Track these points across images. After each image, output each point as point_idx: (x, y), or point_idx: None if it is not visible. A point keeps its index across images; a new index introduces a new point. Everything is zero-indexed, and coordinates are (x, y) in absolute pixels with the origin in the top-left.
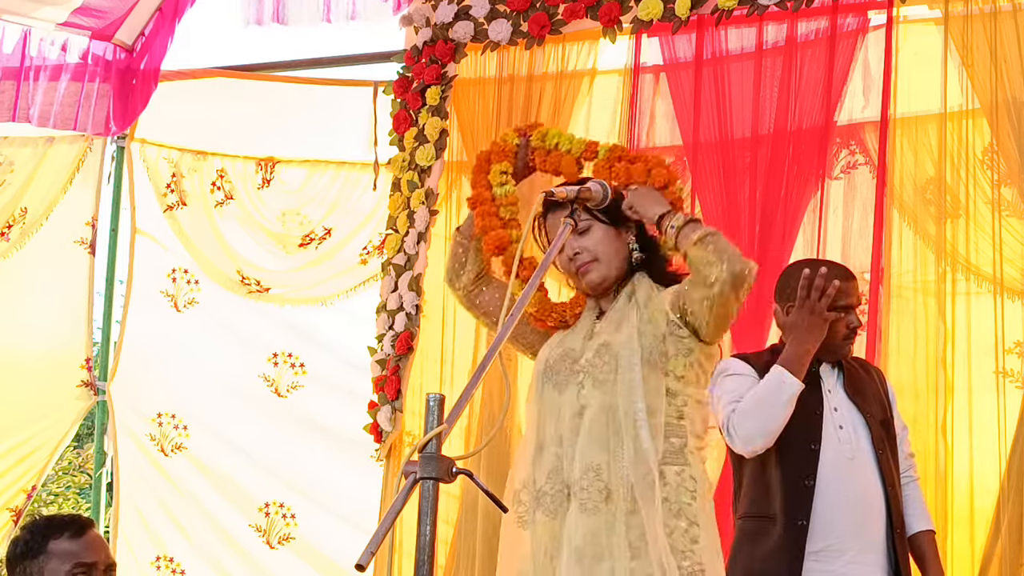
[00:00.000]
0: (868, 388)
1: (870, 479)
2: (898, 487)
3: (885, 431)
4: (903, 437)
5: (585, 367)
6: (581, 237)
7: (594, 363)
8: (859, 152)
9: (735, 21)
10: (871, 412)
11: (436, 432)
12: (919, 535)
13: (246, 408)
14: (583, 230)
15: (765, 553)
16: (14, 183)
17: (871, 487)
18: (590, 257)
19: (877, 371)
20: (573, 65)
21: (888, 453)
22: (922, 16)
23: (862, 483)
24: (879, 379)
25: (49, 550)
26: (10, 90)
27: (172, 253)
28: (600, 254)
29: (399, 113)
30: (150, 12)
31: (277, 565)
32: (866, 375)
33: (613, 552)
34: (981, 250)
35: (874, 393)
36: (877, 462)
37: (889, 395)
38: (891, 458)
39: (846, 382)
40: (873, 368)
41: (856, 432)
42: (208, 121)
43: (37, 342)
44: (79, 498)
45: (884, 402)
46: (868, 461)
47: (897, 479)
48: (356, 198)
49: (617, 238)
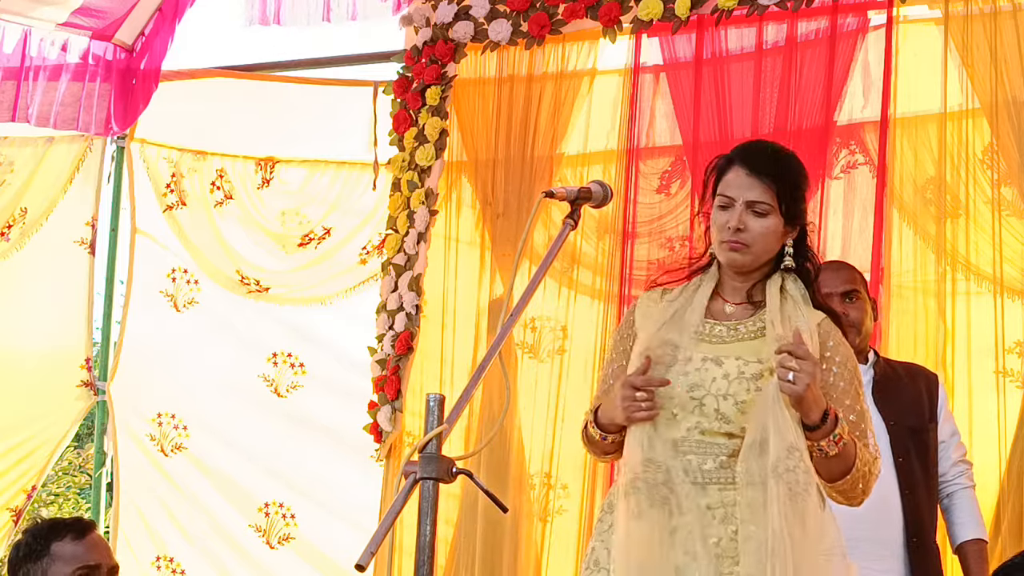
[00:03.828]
0: (902, 394)
1: (887, 485)
2: (922, 495)
3: (913, 438)
4: (952, 444)
5: (716, 373)
6: (755, 216)
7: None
8: (859, 152)
9: (735, 21)
10: (896, 418)
11: (436, 432)
12: (964, 545)
13: (246, 408)
14: (762, 212)
15: None
16: (14, 183)
17: (887, 494)
18: (748, 241)
19: (929, 377)
20: (573, 65)
21: (912, 460)
22: (922, 16)
23: (877, 490)
24: (927, 385)
25: (52, 552)
26: (10, 90)
27: (172, 253)
28: (757, 244)
29: (399, 113)
30: (150, 12)
31: (277, 565)
32: (908, 380)
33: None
34: (981, 250)
35: (910, 398)
36: (896, 468)
37: (939, 401)
38: (916, 465)
39: (875, 387)
40: (925, 373)
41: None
42: (208, 121)
43: (37, 342)
44: (79, 498)
45: (923, 408)
46: (886, 468)
47: (923, 487)
48: (356, 198)
49: (781, 236)
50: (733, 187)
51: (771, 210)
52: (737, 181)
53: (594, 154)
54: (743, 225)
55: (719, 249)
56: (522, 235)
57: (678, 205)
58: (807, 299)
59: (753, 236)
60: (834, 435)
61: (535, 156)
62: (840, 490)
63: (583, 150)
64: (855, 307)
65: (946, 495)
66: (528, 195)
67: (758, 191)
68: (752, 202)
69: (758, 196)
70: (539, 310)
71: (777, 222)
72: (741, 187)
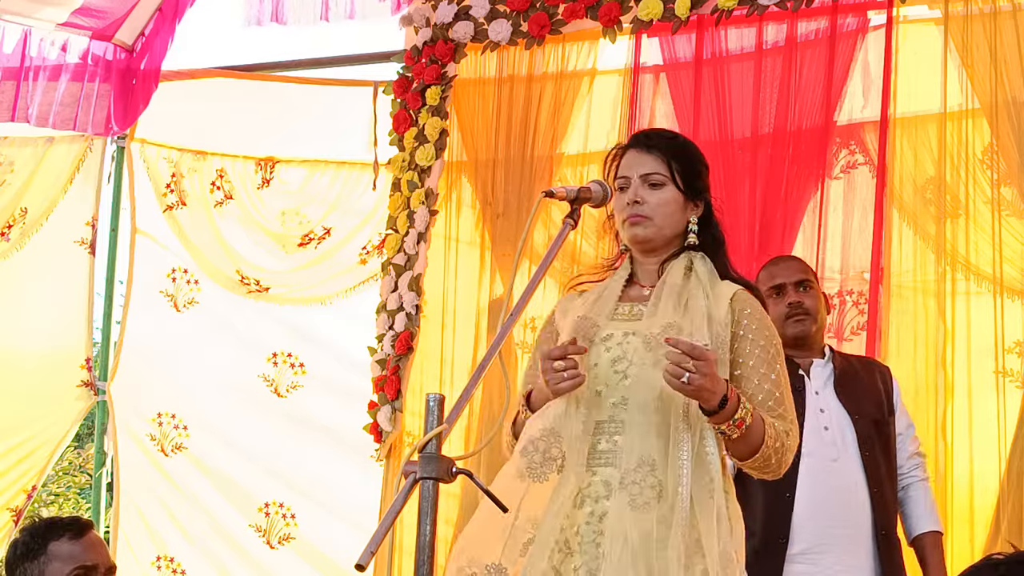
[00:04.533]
0: (862, 386)
1: (855, 480)
2: (887, 488)
3: (877, 430)
4: (908, 436)
5: (637, 343)
6: (651, 189)
7: (659, 341)
8: (859, 152)
9: (735, 21)
10: (860, 411)
11: (436, 432)
12: (922, 536)
13: (246, 408)
14: (657, 183)
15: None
16: (14, 183)
17: (855, 487)
18: (647, 213)
19: (883, 370)
20: (573, 65)
21: (877, 452)
22: (922, 16)
23: (846, 484)
24: (883, 378)
25: (49, 552)
26: (10, 90)
27: (172, 253)
28: (657, 216)
29: (399, 113)
30: (150, 12)
31: (277, 565)
32: (865, 373)
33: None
34: (981, 250)
35: (870, 391)
36: (863, 463)
37: (894, 394)
38: (880, 458)
39: (837, 381)
40: (878, 366)
41: (842, 433)
42: (208, 121)
43: (37, 342)
44: (79, 498)
45: (881, 401)
46: (853, 462)
47: (887, 479)
48: (356, 198)
49: (681, 209)
50: (626, 167)
51: (666, 180)
52: (629, 161)
53: (594, 154)
54: (640, 198)
55: (623, 229)
56: (522, 235)
57: None
58: (715, 274)
59: (652, 207)
60: (735, 419)
61: (535, 156)
62: (752, 467)
63: (583, 150)
64: (809, 296)
65: (902, 487)
66: (528, 195)
67: (650, 164)
68: (646, 175)
69: (650, 168)
70: (539, 310)
71: (675, 194)
72: (633, 165)
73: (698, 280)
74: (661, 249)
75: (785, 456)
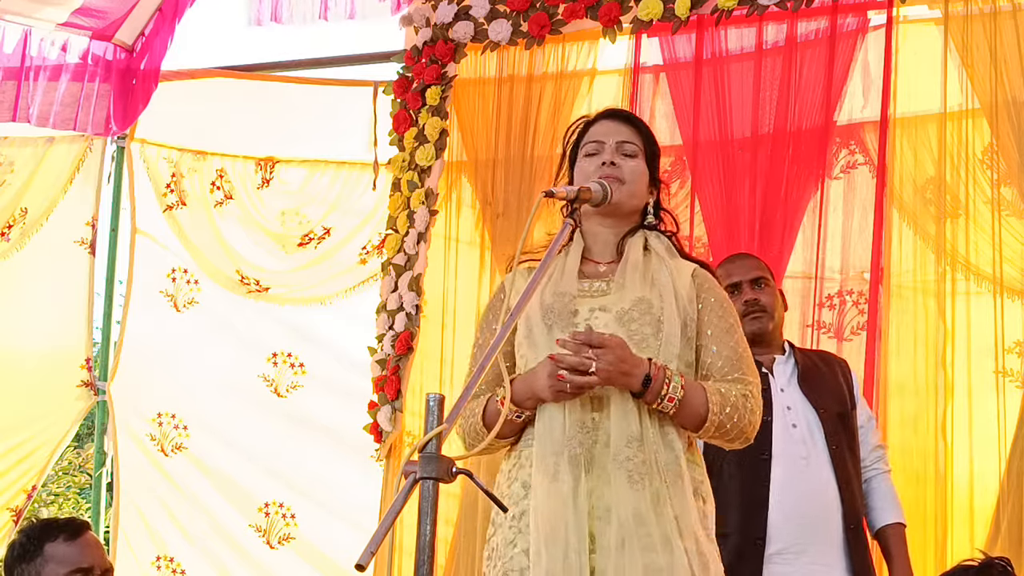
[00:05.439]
0: (825, 381)
1: (825, 477)
2: (854, 482)
3: (842, 424)
4: (870, 428)
5: (608, 319)
6: (626, 157)
7: (632, 316)
8: (859, 152)
9: (735, 21)
10: (825, 406)
11: (436, 432)
12: (885, 529)
13: (246, 408)
14: (631, 153)
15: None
16: (14, 183)
17: (825, 485)
18: (622, 176)
19: (841, 363)
20: (573, 65)
21: (844, 448)
22: (922, 16)
23: (818, 483)
24: (842, 371)
25: (45, 553)
26: (10, 90)
27: (172, 253)
28: (629, 182)
29: (399, 113)
30: (150, 12)
31: (277, 565)
32: (825, 368)
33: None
34: (981, 250)
35: (832, 386)
36: (831, 458)
37: (853, 387)
38: (847, 452)
39: (800, 377)
40: (836, 360)
41: (810, 430)
42: (208, 121)
43: (37, 342)
44: (79, 498)
45: (844, 395)
46: (823, 459)
47: (854, 473)
48: (356, 198)
49: (647, 185)
50: (601, 133)
51: (639, 152)
52: (604, 128)
53: None
54: (616, 162)
55: (586, 193)
56: (522, 235)
57: (678, 205)
58: (672, 251)
59: (627, 172)
60: (662, 395)
61: (535, 156)
62: (712, 438)
63: None
64: (765, 293)
65: (865, 480)
66: (528, 195)
67: (627, 133)
68: (622, 142)
69: (627, 137)
70: None
71: (644, 168)
72: (609, 132)
73: (659, 256)
74: (624, 219)
75: (745, 419)
